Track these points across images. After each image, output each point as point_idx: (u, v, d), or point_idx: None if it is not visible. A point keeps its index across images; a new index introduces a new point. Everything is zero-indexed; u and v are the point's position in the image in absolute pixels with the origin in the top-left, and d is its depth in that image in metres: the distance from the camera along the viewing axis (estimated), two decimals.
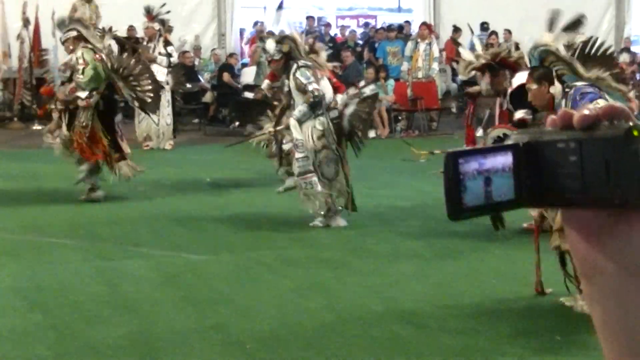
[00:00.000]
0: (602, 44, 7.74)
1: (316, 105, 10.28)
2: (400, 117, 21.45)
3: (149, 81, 12.24)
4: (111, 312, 7.20)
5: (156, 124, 16.85)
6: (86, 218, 10.87)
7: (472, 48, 21.86)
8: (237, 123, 17.76)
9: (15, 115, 21.26)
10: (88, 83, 11.96)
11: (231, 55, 23.16)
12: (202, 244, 9.62)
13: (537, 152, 1.16)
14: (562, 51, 7.44)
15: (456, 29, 23.77)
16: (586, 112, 1.12)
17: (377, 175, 13.77)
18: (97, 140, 11.86)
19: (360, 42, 25.84)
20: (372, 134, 20.66)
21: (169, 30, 17.93)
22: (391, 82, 21.26)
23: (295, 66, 10.31)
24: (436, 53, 21.31)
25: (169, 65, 17.68)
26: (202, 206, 11.29)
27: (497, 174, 1.13)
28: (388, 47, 22.78)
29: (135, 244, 9.56)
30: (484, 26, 23.91)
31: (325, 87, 10.55)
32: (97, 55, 12.05)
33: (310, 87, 10.21)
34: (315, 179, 10.22)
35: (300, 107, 10.29)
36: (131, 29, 21.41)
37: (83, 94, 12.03)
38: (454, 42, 19.57)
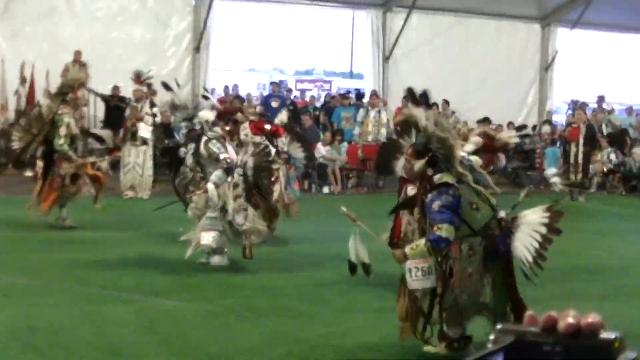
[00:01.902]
0: None
1: (229, 170, 10.57)
2: (351, 175, 21.56)
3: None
4: (98, 355, 7.09)
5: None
6: (74, 262, 10.70)
7: None
8: None
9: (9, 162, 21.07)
10: None
11: None
12: (178, 291, 9.50)
13: (523, 351, 1.17)
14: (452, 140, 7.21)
15: (405, 97, 23.85)
16: (571, 320, 1.14)
17: (330, 229, 13.73)
18: None
19: (318, 106, 25.89)
20: (325, 189, 20.77)
21: (154, 93, 17.96)
22: (344, 144, 21.38)
23: (205, 138, 10.71)
24: (384, 119, 21.40)
25: (154, 124, 17.77)
26: (178, 254, 11.13)
27: None
28: (343, 112, 22.88)
29: (118, 289, 9.42)
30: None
31: (231, 151, 10.85)
32: None
33: (222, 156, 10.56)
34: (216, 235, 10.51)
35: (216, 172, 10.52)
36: (115, 88, 21.40)
37: None
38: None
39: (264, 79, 39.72)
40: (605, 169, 22.84)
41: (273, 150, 12.22)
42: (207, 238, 10.44)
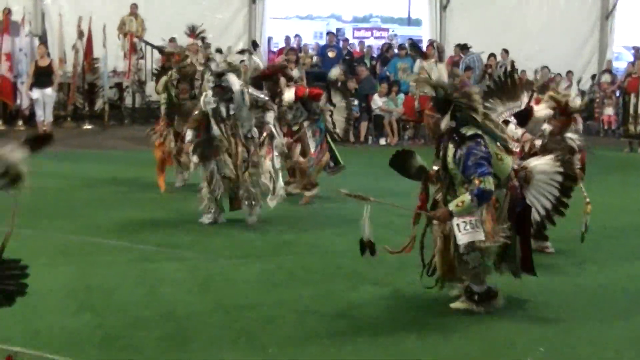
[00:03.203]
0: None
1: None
2: (407, 127, 21.52)
3: None
4: (151, 314, 7.20)
5: None
6: (131, 220, 10.91)
7: (467, 68, 21.94)
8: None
9: (68, 115, 21.43)
10: None
11: None
12: (232, 249, 9.63)
13: None
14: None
15: (462, 47, 23.80)
16: None
17: (385, 183, 13.70)
18: None
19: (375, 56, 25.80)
20: (382, 141, 20.77)
21: (208, 46, 18.03)
22: (401, 95, 21.31)
23: (243, 89, 10.48)
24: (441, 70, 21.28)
25: None
26: (231, 213, 11.06)
27: None
28: (399, 63, 22.77)
29: (172, 247, 9.57)
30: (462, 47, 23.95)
31: None
32: None
33: (266, 98, 10.88)
34: None
35: (269, 114, 10.75)
36: (172, 40, 21.48)
37: None
38: None
39: (321, 27, 39.64)
40: None
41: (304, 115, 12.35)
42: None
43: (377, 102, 21.02)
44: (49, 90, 18.63)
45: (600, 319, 7.42)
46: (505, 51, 23.82)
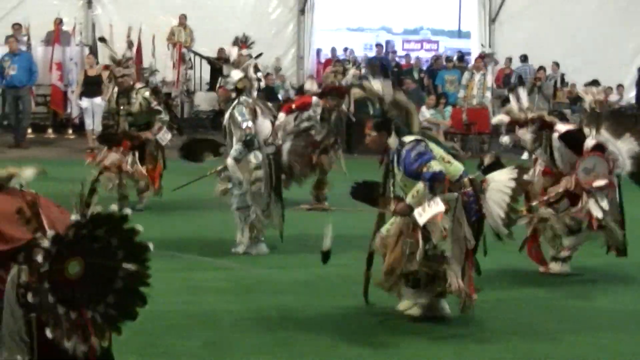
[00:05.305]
0: None
1: (250, 143, 9.75)
2: (455, 139, 21.46)
3: None
4: (191, 322, 7.27)
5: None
6: (174, 229, 11.01)
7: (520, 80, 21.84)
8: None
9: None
10: None
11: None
12: (273, 258, 9.72)
13: None
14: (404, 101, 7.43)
15: (521, 59, 23.81)
16: None
17: None
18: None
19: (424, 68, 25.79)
20: None
21: (258, 57, 18.07)
22: (449, 108, 21.26)
23: (236, 101, 9.89)
24: (489, 83, 21.25)
25: (258, 88, 17.81)
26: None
27: None
28: (446, 75, 22.74)
29: (216, 256, 9.59)
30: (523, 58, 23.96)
31: (264, 125, 10.06)
32: None
33: (243, 125, 9.72)
34: (252, 211, 9.95)
35: (235, 147, 9.78)
36: (221, 51, 21.62)
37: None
38: None
39: (371, 39, 39.60)
40: None
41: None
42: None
43: (425, 114, 20.97)
44: (98, 100, 18.75)
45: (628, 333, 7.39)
46: (556, 64, 23.70)
